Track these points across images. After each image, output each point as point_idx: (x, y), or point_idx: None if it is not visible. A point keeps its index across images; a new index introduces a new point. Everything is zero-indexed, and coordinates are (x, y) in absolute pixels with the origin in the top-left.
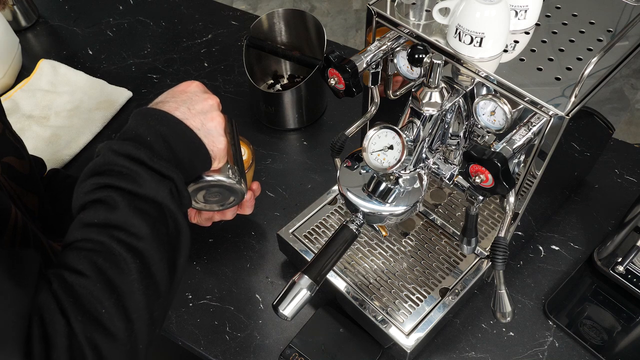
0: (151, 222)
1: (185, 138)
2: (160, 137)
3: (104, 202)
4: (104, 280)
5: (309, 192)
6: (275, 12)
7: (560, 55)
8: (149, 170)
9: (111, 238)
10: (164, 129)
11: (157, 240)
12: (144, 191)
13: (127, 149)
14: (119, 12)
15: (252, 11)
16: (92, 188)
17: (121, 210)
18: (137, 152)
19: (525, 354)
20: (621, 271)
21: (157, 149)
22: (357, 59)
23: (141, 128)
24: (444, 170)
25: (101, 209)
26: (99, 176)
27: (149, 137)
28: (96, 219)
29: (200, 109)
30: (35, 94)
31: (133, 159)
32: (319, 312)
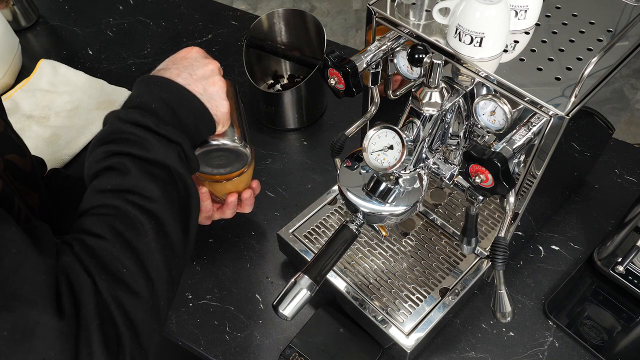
0: (162, 185)
1: (188, 103)
2: (164, 103)
3: (115, 168)
4: (123, 241)
5: (309, 192)
6: (275, 12)
7: (560, 55)
8: (156, 136)
9: (125, 202)
10: (167, 96)
11: (170, 202)
12: (153, 156)
13: (133, 116)
14: (119, 12)
15: (252, 11)
16: (103, 156)
17: (133, 174)
18: (144, 119)
19: (525, 354)
20: (621, 271)
21: (162, 115)
22: (357, 59)
23: (145, 95)
24: (444, 170)
25: (113, 175)
26: (109, 144)
27: (153, 104)
28: (109, 185)
29: (201, 74)
30: (35, 94)
31: (140, 126)
32: (319, 312)
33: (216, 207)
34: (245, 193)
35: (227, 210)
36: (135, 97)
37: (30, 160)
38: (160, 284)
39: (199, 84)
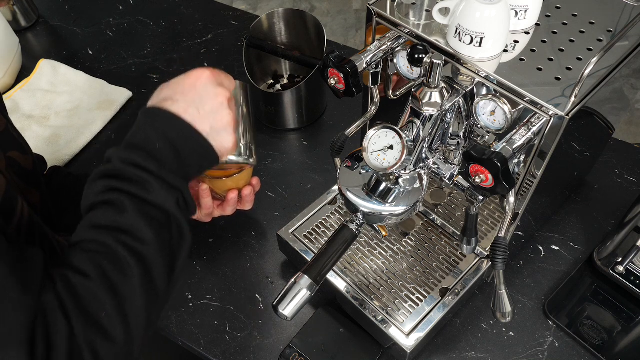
0: (157, 228)
1: (193, 143)
2: (169, 143)
3: (113, 204)
4: (107, 283)
5: (309, 192)
6: (275, 12)
7: (560, 55)
8: (158, 180)
9: (117, 241)
10: (172, 135)
11: (161, 246)
12: (152, 198)
13: (135, 159)
14: (119, 12)
15: (252, 11)
16: (102, 190)
17: (129, 214)
18: (146, 163)
19: (525, 354)
20: (621, 271)
21: (165, 159)
22: (357, 59)
23: (150, 132)
24: (444, 170)
25: (110, 211)
26: (110, 179)
27: (157, 143)
28: (104, 221)
29: (210, 108)
30: (35, 94)
31: (142, 169)
32: (319, 312)
33: (216, 204)
34: (245, 190)
35: (228, 207)
36: (141, 132)
37: (31, 158)
38: (138, 329)
39: (207, 120)
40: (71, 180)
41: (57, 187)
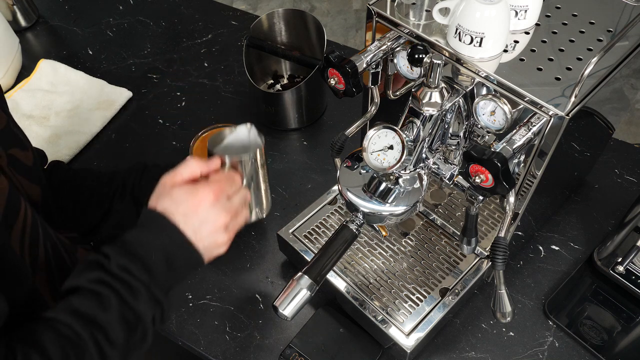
0: (128, 332)
1: (187, 258)
2: (164, 257)
3: (99, 296)
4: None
5: (309, 192)
6: (275, 12)
7: (560, 55)
8: (147, 291)
9: (91, 336)
10: (170, 249)
11: (126, 349)
12: (135, 305)
13: (132, 269)
14: (119, 12)
15: (252, 11)
16: (94, 279)
17: (111, 313)
18: (139, 274)
19: (525, 354)
20: (621, 271)
21: (157, 272)
22: (357, 59)
23: (151, 239)
24: (444, 170)
25: (94, 303)
26: (105, 273)
27: (154, 255)
28: (85, 310)
29: (209, 231)
30: (35, 94)
31: (135, 277)
32: (319, 312)
33: None
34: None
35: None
36: (143, 236)
37: (31, 154)
38: None
39: (205, 241)
40: (71, 175)
41: (57, 182)
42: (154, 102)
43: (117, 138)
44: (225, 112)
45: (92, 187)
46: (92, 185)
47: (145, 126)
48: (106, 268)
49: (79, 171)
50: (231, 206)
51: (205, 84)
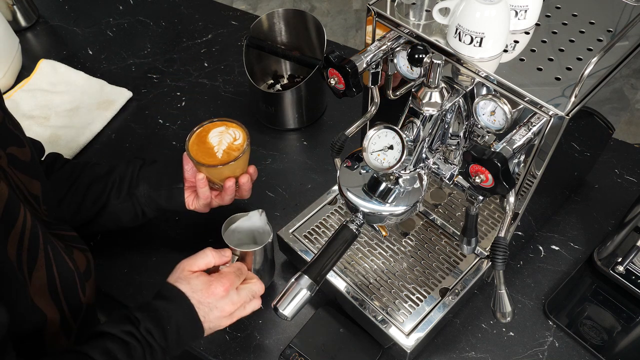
0: None
1: (194, 334)
2: (177, 330)
3: (129, 347)
4: None
5: (309, 192)
6: (275, 12)
7: (560, 55)
8: (162, 354)
9: None
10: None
11: None
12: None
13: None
14: (119, 12)
15: (252, 11)
16: (128, 331)
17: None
18: (160, 340)
19: (525, 354)
20: (621, 271)
21: (170, 340)
22: (357, 59)
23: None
24: (444, 170)
25: (124, 351)
26: (136, 330)
27: (169, 325)
28: (116, 354)
29: (216, 317)
30: (35, 94)
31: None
32: (319, 312)
33: (214, 194)
34: (242, 178)
35: (226, 196)
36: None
37: (29, 149)
38: None
39: (212, 323)
40: (68, 168)
41: (55, 174)
42: (154, 102)
43: (117, 138)
44: (225, 112)
45: (89, 181)
46: (89, 179)
47: (145, 126)
48: (136, 326)
49: (77, 164)
50: (239, 299)
51: (205, 84)
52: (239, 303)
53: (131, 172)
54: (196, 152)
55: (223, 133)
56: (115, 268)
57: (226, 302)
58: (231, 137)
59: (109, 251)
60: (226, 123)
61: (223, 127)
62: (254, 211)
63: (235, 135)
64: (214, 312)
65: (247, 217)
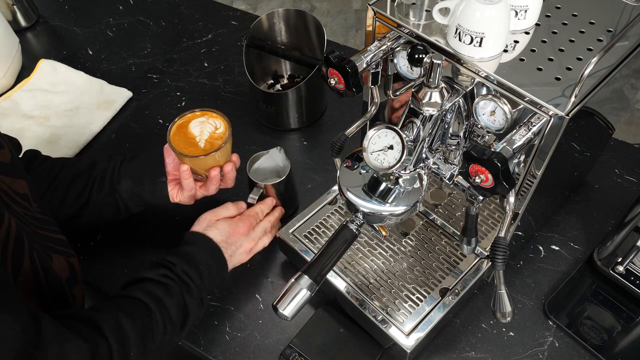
0: (182, 318)
1: (221, 271)
2: (208, 269)
3: (167, 286)
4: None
5: (309, 192)
6: (275, 12)
7: (560, 55)
8: (198, 291)
9: (159, 311)
10: (213, 264)
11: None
12: (189, 302)
13: (191, 274)
14: (119, 12)
15: (252, 11)
16: (164, 274)
17: (173, 298)
18: (196, 279)
19: (525, 354)
20: (621, 271)
21: (204, 277)
22: (357, 59)
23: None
24: (444, 170)
25: (162, 289)
26: (172, 273)
27: (201, 266)
28: (157, 293)
29: (239, 253)
30: (35, 94)
31: (192, 279)
32: (319, 312)
33: (198, 185)
34: (226, 166)
35: (211, 186)
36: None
37: (7, 150)
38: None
39: (233, 261)
40: (48, 165)
41: (34, 172)
42: (154, 102)
43: (117, 138)
44: (225, 112)
45: (70, 177)
46: (69, 175)
47: (145, 126)
48: (172, 269)
49: (56, 161)
50: (256, 235)
51: (205, 84)
52: (257, 240)
53: (112, 167)
54: (178, 143)
55: (204, 123)
56: (115, 268)
57: (248, 240)
58: (212, 126)
59: (109, 251)
60: (207, 113)
61: (204, 117)
62: (274, 148)
63: (216, 124)
64: (239, 250)
65: (268, 154)
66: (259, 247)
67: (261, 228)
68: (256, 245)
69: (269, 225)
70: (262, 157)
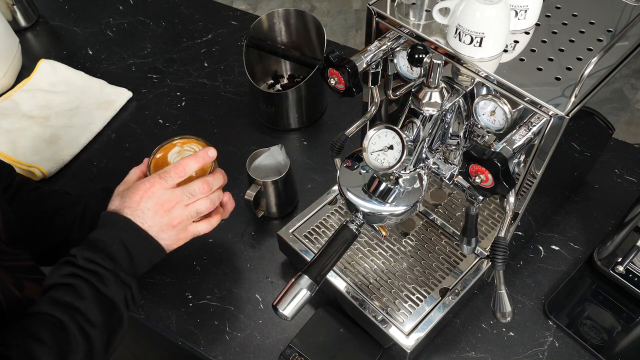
0: (105, 314)
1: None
2: (123, 245)
3: (74, 287)
4: (59, 352)
5: (309, 192)
6: (275, 12)
7: (560, 55)
8: (113, 275)
9: (72, 319)
10: (126, 237)
11: (105, 330)
12: (106, 290)
13: (96, 259)
14: (119, 12)
15: (252, 11)
16: (67, 274)
17: (86, 300)
18: (104, 262)
19: (525, 354)
20: (621, 271)
21: (120, 259)
22: (357, 59)
23: (109, 234)
24: (444, 170)
25: (70, 293)
26: (74, 267)
27: (114, 245)
28: (64, 299)
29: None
30: (35, 94)
31: (101, 266)
32: (319, 312)
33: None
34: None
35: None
36: (102, 235)
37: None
38: None
39: (156, 225)
40: (38, 194)
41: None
42: (154, 102)
43: (117, 138)
44: (225, 112)
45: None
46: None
47: (145, 126)
48: (74, 263)
49: (44, 192)
50: (170, 197)
51: (205, 84)
52: (173, 201)
53: (94, 204)
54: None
55: (180, 152)
56: None
57: (155, 201)
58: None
59: None
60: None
61: (177, 148)
62: (275, 146)
63: (195, 150)
64: (148, 214)
65: (268, 152)
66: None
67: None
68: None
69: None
70: (263, 154)
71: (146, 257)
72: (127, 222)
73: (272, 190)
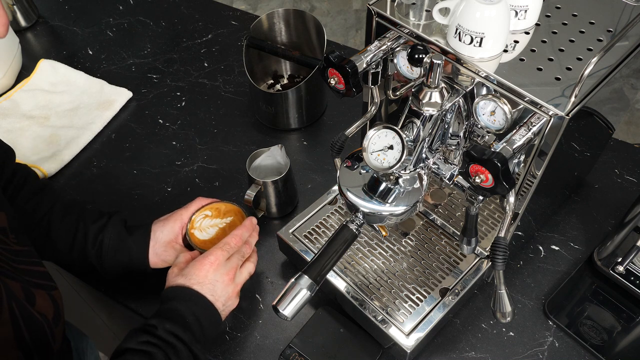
0: None
1: (211, 317)
2: (196, 318)
3: (151, 356)
4: None
5: (309, 192)
6: (275, 12)
7: (560, 55)
8: (187, 349)
9: None
10: (199, 312)
11: None
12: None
13: (176, 330)
14: (119, 12)
15: (252, 11)
16: (144, 341)
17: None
18: (183, 335)
19: (525, 354)
20: (621, 271)
21: (195, 332)
22: (357, 59)
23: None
24: (444, 170)
25: (144, 359)
26: (154, 337)
27: (188, 318)
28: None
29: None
30: (35, 94)
31: (179, 338)
32: (319, 312)
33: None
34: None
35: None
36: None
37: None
38: None
39: (222, 298)
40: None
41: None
42: (154, 102)
43: (117, 138)
44: (225, 112)
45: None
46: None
47: (145, 126)
48: (153, 333)
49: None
50: (231, 265)
51: (205, 84)
52: (234, 268)
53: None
54: (197, 240)
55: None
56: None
57: (222, 272)
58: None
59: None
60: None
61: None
62: (275, 146)
63: (209, 213)
64: (218, 285)
65: (268, 152)
66: (243, 275)
67: (238, 256)
68: (239, 275)
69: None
70: (263, 154)
71: (212, 328)
72: (198, 295)
73: (272, 190)
